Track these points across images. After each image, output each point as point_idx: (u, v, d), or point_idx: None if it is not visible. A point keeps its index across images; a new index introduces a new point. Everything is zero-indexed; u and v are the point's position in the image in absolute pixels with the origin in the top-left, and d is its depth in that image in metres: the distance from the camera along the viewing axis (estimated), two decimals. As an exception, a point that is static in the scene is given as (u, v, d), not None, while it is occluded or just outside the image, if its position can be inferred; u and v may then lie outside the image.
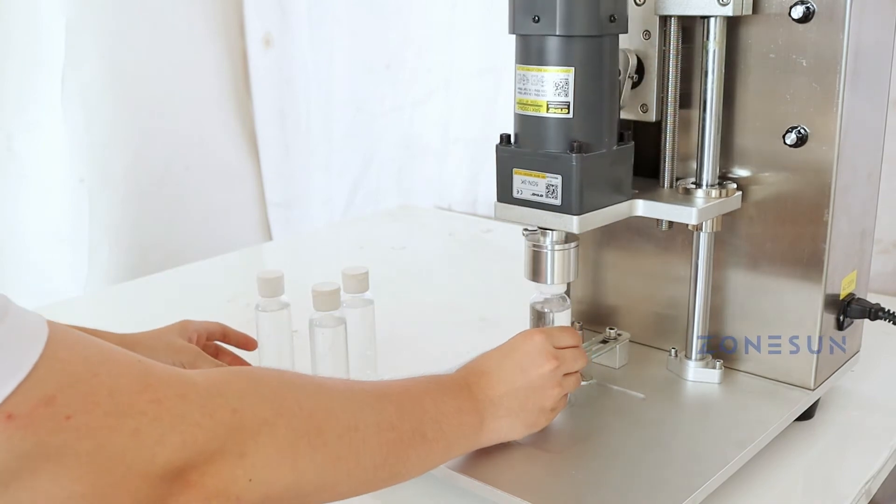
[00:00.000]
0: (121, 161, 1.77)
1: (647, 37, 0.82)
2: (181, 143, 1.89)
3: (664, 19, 0.81)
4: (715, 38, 0.78)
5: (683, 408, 0.84)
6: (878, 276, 1.21)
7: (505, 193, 0.78)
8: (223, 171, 2.01)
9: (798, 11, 0.76)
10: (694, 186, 0.82)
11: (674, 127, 0.83)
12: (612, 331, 0.93)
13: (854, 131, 0.80)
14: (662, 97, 0.83)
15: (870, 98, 0.82)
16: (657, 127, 0.84)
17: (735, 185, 0.83)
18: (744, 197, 0.84)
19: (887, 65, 0.85)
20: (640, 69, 0.83)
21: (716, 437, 0.77)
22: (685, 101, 0.83)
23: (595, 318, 0.99)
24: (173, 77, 1.85)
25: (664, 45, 0.81)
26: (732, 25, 0.80)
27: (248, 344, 0.97)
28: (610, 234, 0.95)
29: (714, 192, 0.81)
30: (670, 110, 0.82)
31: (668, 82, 0.82)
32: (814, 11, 0.75)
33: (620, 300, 0.97)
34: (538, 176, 0.75)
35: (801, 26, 0.77)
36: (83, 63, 1.67)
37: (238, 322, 1.20)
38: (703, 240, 0.84)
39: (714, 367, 0.87)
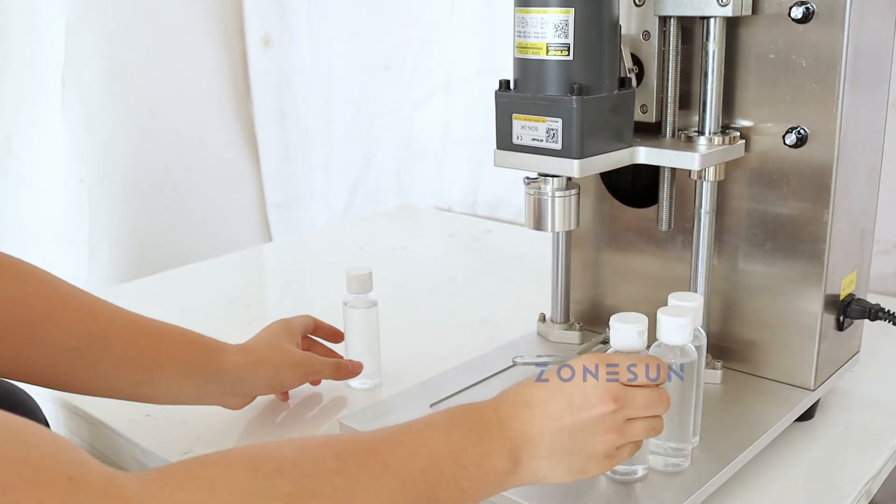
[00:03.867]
0: (121, 161, 1.77)
1: (647, 37, 0.82)
2: (181, 143, 1.89)
3: (664, 20, 0.81)
4: (715, 38, 0.78)
5: (683, 408, 0.84)
6: (878, 277, 1.21)
7: (504, 140, 0.77)
8: (223, 171, 2.01)
9: (798, 12, 0.76)
10: (696, 134, 0.81)
11: (674, 127, 0.83)
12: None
13: (854, 131, 0.80)
14: (662, 97, 0.83)
15: (870, 98, 0.82)
16: (657, 127, 0.84)
17: (738, 134, 0.82)
18: (744, 198, 0.83)
19: (887, 65, 0.85)
20: (639, 65, 0.82)
21: (716, 438, 0.77)
22: (685, 101, 0.83)
23: (595, 318, 0.99)
24: (173, 77, 1.85)
25: (664, 46, 0.81)
26: (732, 26, 0.80)
27: (337, 336, 0.97)
28: (610, 235, 0.95)
29: (717, 139, 0.80)
30: (670, 111, 0.82)
31: (667, 83, 0.82)
32: (814, 12, 0.75)
33: (620, 300, 0.97)
34: (538, 120, 0.74)
35: (800, 26, 0.77)
36: (83, 63, 1.67)
37: (238, 322, 1.20)
38: (706, 189, 0.83)
39: (714, 367, 0.87)
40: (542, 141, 0.74)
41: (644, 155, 0.79)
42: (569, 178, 0.77)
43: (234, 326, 1.19)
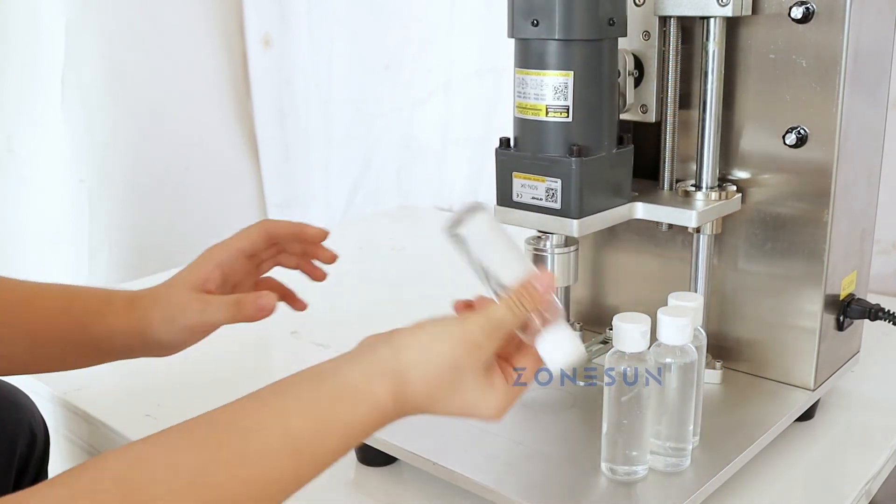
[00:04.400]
0: (121, 161, 1.77)
1: (647, 37, 0.82)
2: (181, 143, 1.89)
3: (664, 20, 0.81)
4: (715, 38, 0.78)
5: (683, 408, 0.84)
6: (878, 277, 1.21)
7: (505, 197, 0.78)
8: (223, 171, 2.01)
9: (798, 12, 0.76)
10: (694, 189, 0.82)
11: (673, 128, 0.83)
12: (612, 331, 0.93)
13: (854, 131, 0.80)
14: (662, 98, 0.83)
15: (870, 98, 0.82)
16: (657, 127, 0.84)
17: (735, 188, 0.83)
18: (744, 198, 0.84)
19: (887, 65, 0.85)
20: (639, 66, 0.83)
21: (716, 438, 0.77)
22: (685, 101, 0.84)
23: (595, 319, 0.99)
24: (173, 77, 1.85)
25: (664, 46, 0.81)
26: (732, 26, 0.80)
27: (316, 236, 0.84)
28: (610, 235, 0.95)
29: (714, 195, 0.81)
30: (670, 111, 0.82)
31: (667, 83, 0.82)
32: (814, 12, 0.75)
33: (620, 300, 0.97)
34: (538, 180, 0.75)
35: (800, 26, 0.77)
36: (83, 63, 1.67)
37: (239, 323, 1.20)
38: (703, 241, 0.84)
39: (714, 368, 0.87)
40: (541, 200, 0.75)
41: (642, 211, 0.80)
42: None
43: (234, 327, 1.19)
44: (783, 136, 0.80)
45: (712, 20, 0.78)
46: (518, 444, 0.77)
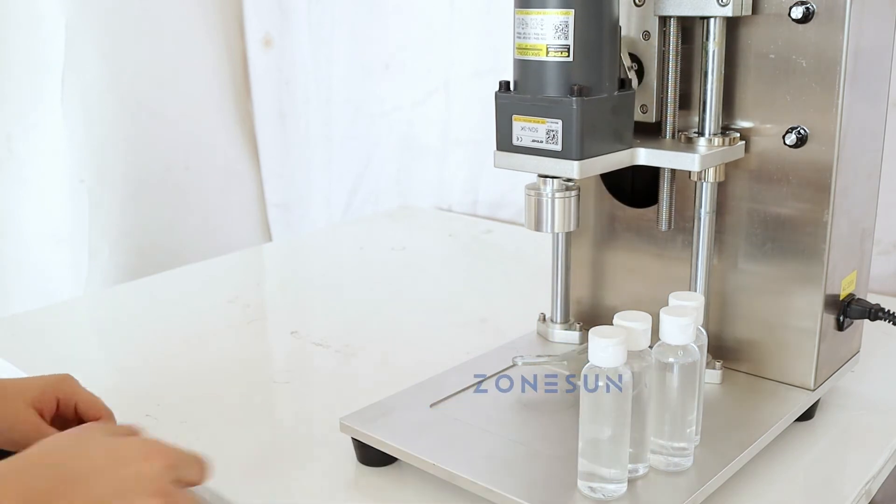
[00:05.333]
0: (121, 161, 1.77)
1: (647, 37, 0.82)
2: (181, 143, 1.89)
3: (664, 20, 0.81)
4: (715, 38, 0.78)
5: (683, 408, 0.84)
6: (878, 277, 1.21)
7: (504, 141, 0.77)
8: (223, 172, 2.01)
9: (798, 12, 0.76)
10: (696, 135, 0.81)
11: (673, 128, 0.83)
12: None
13: (854, 131, 0.80)
14: (662, 98, 0.83)
15: (870, 98, 0.82)
16: (657, 127, 0.84)
17: (738, 135, 0.82)
18: (747, 148, 0.82)
19: (887, 65, 0.85)
20: (638, 63, 0.82)
21: (716, 437, 0.77)
22: (685, 101, 0.83)
23: (595, 318, 0.99)
24: (173, 77, 1.85)
25: (664, 46, 0.81)
26: (732, 26, 0.80)
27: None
28: (610, 235, 0.95)
29: (717, 140, 0.80)
30: (670, 111, 0.82)
31: (667, 83, 0.82)
32: (814, 12, 0.76)
33: (620, 300, 0.97)
34: (538, 122, 0.74)
35: (800, 26, 0.77)
36: (83, 63, 1.67)
37: (238, 322, 1.20)
38: (706, 189, 0.83)
39: (714, 368, 0.87)
40: (542, 142, 0.74)
41: (644, 156, 0.79)
42: (568, 179, 0.77)
43: (234, 326, 1.19)
44: (783, 136, 0.80)
45: (712, 20, 0.78)
46: (517, 444, 0.77)
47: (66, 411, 0.77)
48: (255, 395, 0.99)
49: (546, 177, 0.77)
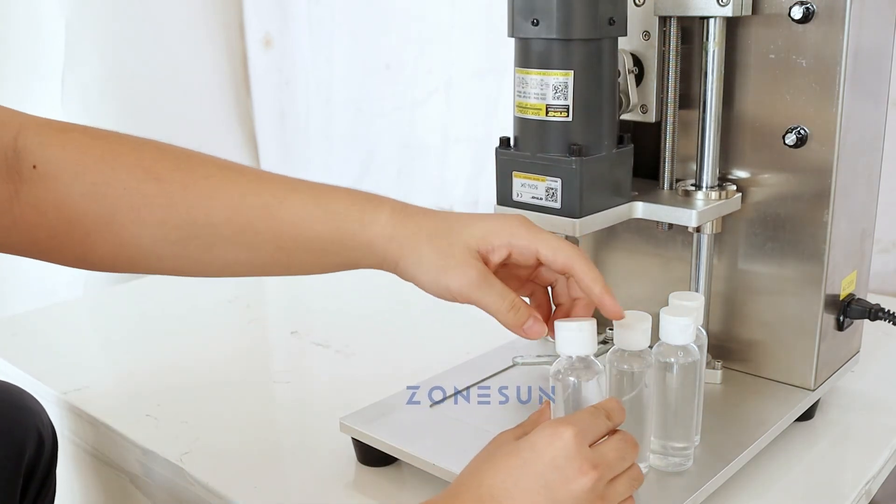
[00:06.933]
0: (121, 161, 1.77)
1: (647, 37, 0.82)
2: (181, 142, 1.88)
3: (664, 20, 0.81)
4: (714, 38, 0.78)
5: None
6: (878, 276, 1.21)
7: (504, 197, 0.78)
8: (223, 172, 2.01)
9: (798, 12, 0.76)
10: (694, 188, 0.82)
11: (673, 128, 0.83)
12: (611, 331, 0.93)
13: (854, 131, 0.80)
14: (662, 98, 0.83)
15: (870, 98, 0.82)
16: (657, 127, 0.84)
17: (735, 187, 0.83)
18: (743, 198, 0.84)
19: (887, 65, 0.85)
20: (639, 65, 0.83)
21: (716, 437, 0.77)
22: (685, 101, 0.84)
23: (595, 318, 0.98)
24: (173, 77, 1.85)
25: (664, 46, 0.81)
26: (732, 26, 0.80)
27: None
28: (610, 235, 0.95)
29: (714, 194, 0.81)
30: (670, 111, 0.82)
31: (667, 83, 0.82)
32: (814, 12, 0.75)
33: (620, 300, 0.96)
34: (538, 179, 0.75)
35: (800, 26, 0.77)
36: (83, 63, 1.67)
37: (238, 322, 1.20)
38: (703, 241, 0.84)
39: (714, 368, 0.87)
40: (541, 199, 0.75)
41: (642, 210, 0.80)
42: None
43: (234, 326, 1.19)
44: (783, 136, 0.80)
45: (712, 20, 0.78)
46: (518, 444, 0.77)
47: (522, 259, 0.65)
48: (255, 395, 0.99)
49: None
